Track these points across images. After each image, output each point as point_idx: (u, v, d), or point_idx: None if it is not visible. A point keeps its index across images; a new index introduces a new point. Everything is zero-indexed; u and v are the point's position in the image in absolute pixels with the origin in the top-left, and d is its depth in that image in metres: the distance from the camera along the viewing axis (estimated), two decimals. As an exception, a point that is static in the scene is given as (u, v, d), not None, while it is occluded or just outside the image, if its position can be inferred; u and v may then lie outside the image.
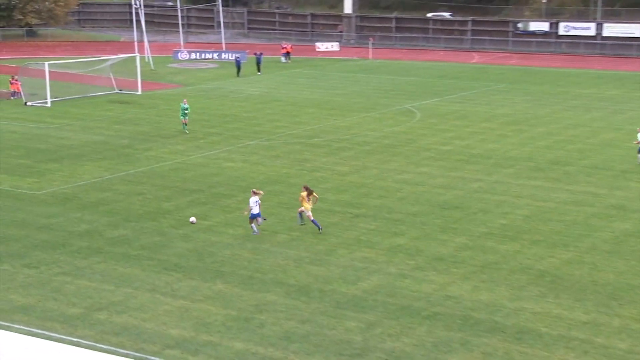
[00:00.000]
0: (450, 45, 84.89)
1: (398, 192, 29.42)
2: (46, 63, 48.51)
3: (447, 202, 28.09)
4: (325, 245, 23.61)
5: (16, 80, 50.73)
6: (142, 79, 54.18)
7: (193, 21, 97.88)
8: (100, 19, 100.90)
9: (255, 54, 65.31)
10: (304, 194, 24.24)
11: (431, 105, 49.54)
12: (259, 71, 63.69)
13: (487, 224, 25.52)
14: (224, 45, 77.70)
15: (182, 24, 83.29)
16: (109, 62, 54.67)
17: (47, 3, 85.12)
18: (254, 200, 23.99)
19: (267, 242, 23.82)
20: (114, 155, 34.92)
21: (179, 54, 73.49)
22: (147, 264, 21.86)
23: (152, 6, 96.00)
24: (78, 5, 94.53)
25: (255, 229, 24.21)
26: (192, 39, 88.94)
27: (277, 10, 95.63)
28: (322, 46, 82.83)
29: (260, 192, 24.38)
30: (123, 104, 48.52)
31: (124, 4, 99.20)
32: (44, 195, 28.42)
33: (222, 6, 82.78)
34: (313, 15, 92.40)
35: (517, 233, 24.63)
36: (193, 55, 73.53)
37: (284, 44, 73.83)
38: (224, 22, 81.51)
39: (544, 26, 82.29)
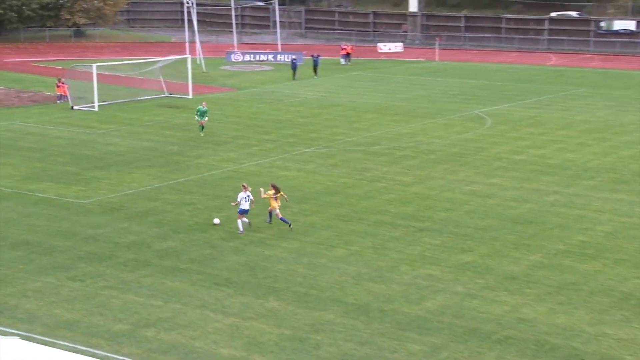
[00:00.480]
0: (524, 45, 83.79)
1: (466, 204, 29.12)
2: (94, 65, 49.40)
3: (520, 217, 27.65)
4: (386, 261, 23.51)
5: (63, 83, 51.82)
6: (193, 82, 55.02)
7: (247, 21, 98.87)
8: (151, 19, 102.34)
9: (312, 55, 65.65)
10: (271, 192, 25.43)
11: (503, 110, 48.95)
12: (315, 74, 63.99)
13: (565, 241, 25.03)
14: (279, 46, 78.32)
15: (236, 24, 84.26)
16: (159, 64, 55.60)
17: (95, 2, 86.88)
18: (242, 195, 24.94)
19: (324, 256, 23.85)
20: (162, 162, 35.50)
21: (232, 55, 74.38)
22: (196, 278, 22.12)
23: (205, 5, 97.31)
24: (127, 4, 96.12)
25: (240, 227, 25.03)
26: (246, 39, 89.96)
27: (336, 9, 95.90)
28: (384, 47, 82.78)
29: (250, 188, 25.19)
30: (173, 109, 49.33)
31: (176, 3, 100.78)
32: (90, 204, 29.07)
33: (279, 4, 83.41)
34: (375, 14, 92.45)
35: (598, 251, 24.08)
36: (247, 57, 74.34)
37: (344, 44, 74.04)
38: (280, 21, 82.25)
39: (630, 25, 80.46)
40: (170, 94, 54.13)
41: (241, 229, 25.39)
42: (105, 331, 18.77)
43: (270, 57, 74.31)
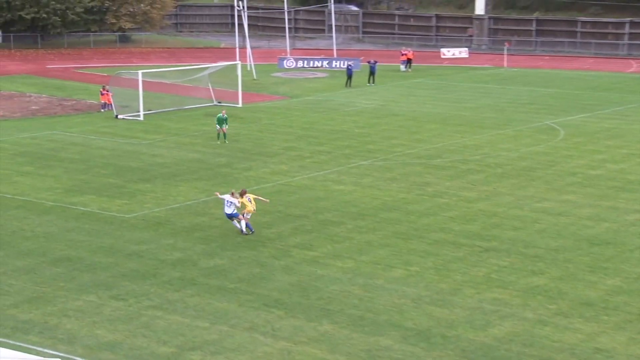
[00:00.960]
0: (602, 51, 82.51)
1: (536, 223, 28.76)
2: (140, 72, 49.94)
3: (597, 237, 27.17)
4: (448, 283, 23.34)
5: (107, 91, 52.62)
6: (243, 90, 55.55)
7: (301, 25, 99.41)
8: (199, 23, 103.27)
9: (369, 62, 65.61)
10: (244, 199, 27.47)
11: (577, 121, 48.25)
12: (372, 82, 63.92)
13: (647, 264, 24.49)
14: (335, 52, 78.66)
15: (289, 28, 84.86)
16: (208, 71, 56.21)
17: (142, 5, 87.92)
18: (227, 198, 27.02)
19: (381, 277, 23.79)
20: (210, 175, 35.90)
21: (285, 61, 74.95)
22: (245, 298, 22.27)
23: (256, 8, 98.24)
24: (175, 7, 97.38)
25: (241, 227, 27.10)
26: (299, 44, 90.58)
27: (397, 12, 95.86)
28: (448, 52, 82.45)
29: (238, 198, 26.84)
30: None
31: (226, 6, 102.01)
32: (134, 218, 29.53)
33: (335, 7, 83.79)
34: (438, 17, 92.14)
35: (684, 276, 23.50)
36: (300, 63, 74.80)
37: (404, 50, 73.87)
38: (335, 25, 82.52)
39: None
40: (219, 103, 54.66)
41: (239, 227, 27.26)
42: (148, 354, 18.99)
43: (325, 63, 74.64)
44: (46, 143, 42.34)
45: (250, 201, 27.78)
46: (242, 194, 27.90)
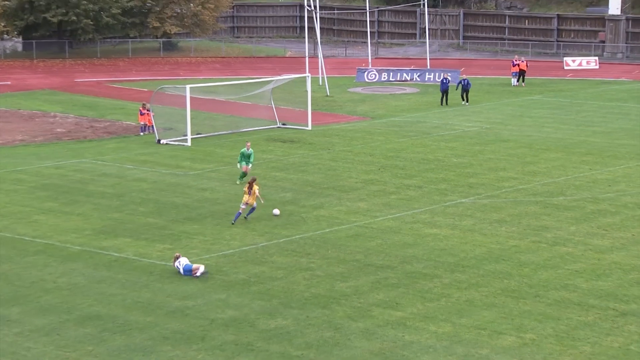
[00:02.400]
0: None
1: (687, 280, 28.11)
2: (187, 86, 50.46)
3: None
4: (574, 355, 22.91)
5: (147, 110, 52.99)
6: (313, 109, 55.93)
7: (386, 28, 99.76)
8: (260, 27, 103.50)
9: (462, 82, 64.25)
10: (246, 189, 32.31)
11: None
12: (464, 100, 62.96)
13: None
14: (428, 62, 78.74)
15: (371, 33, 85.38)
16: (270, 86, 56.60)
17: (192, 5, 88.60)
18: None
19: (487, 346, 23.47)
20: (272, 214, 36.11)
21: (366, 73, 75.29)
22: (313, 369, 22.24)
23: (332, 8, 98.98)
24: (231, 8, 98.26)
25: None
26: (383, 52, 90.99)
27: (507, 12, 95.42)
28: (573, 62, 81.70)
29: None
30: (287, 143, 50.24)
31: (293, 5, 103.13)
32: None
33: (429, 6, 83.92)
34: (560, 18, 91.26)
35: None
36: (384, 76, 75.02)
37: (516, 59, 73.41)
38: (430, 29, 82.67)
39: None
40: (284, 125, 55.07)
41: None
42: None
43: (416, 75, 74.72)
44: (73, 174, 43.22)
45: (251, 193, 33.37)
46: (251, 182, 33.64)
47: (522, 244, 31.96)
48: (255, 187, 34.17)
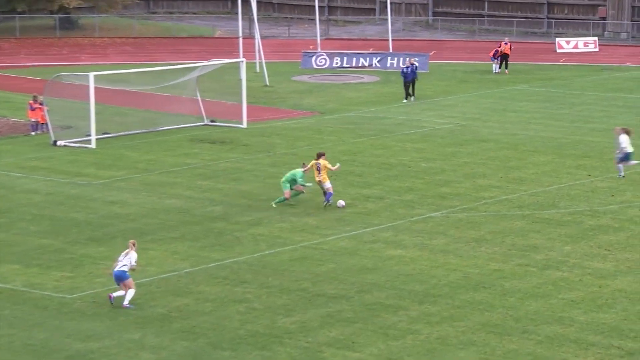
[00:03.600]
0: None
1: None
2: (91, 74, 50.11)
3: None
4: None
5: (40, 104, 52.48)
6: (249, 102, 55.80)
7: (339, 2, 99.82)
8: (182, 0, 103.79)
9: (403, 70, 63.07)
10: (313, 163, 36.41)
11: None
12: (409, 96, 61.78)
13: None
14: (390, 44, 78.88)
15: (320, 8, 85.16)
16: (195, 74, 56.44)
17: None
18: (122, 257, 28.93)
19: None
20: (198, 232, 35.96)
21: (314, 58, 75.29)
22: None
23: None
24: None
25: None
26: (335, 32, 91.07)
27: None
28: (567, 44, 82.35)
29: (134, 247, 29.00)
30: (216, 145, 50.10)
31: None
32: (80, 300, 29.48)
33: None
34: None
35: None
36: (336, 61, 75.07)
37: (505, 42, 73.14)
38: (392, 2, 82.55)
39: None
40: (212, 121, 54.90)
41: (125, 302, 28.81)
42: None
43: (376, 61, 74.84)
44: (-53, 183, 42.69)
45: (320, 169, 38.08)
46: (318, 157, 38.40)
47: (506, 268, 32.06)
48: (324, 162, 38.46)
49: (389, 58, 74.79)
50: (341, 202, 38.21)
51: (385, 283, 30.73)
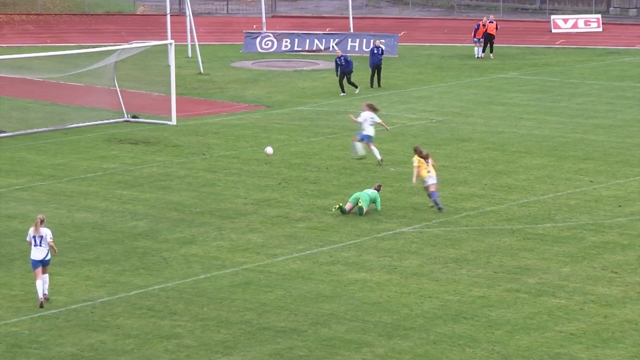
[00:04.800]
0: None
1: None
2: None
3: None
4: None
5: None
6: (179, 94, 55.68)
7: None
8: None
9: (339, 58, 62.72)
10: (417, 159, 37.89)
11: None
12: (344, 91, 61.77)
13: None
14: (351, 22, 78.92)
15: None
16: (113, 59, 56.22)
17: None
18: (31, 234, 30.77)
19: None
20: (117, 253, 35.85)
21: (258, 40, 75.25)
22: None
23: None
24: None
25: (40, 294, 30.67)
26: (284, 8, 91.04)
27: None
28: (564, 23, 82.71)
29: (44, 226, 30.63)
30: (139, 146, 50.02)
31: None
32: (-28, 335, 29.32)
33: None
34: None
35: None
36: (286, 44, 75.09)
37: (486, 20, 73.44)
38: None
39: None
40: (134, 117, 54.73)
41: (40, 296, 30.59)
42: None
43: (334, 43, 74.80)
44: None
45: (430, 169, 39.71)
46: (424, 157, 39.85)
47: (492, 294, 32.14)
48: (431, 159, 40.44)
49: (350, 40, 74.96)
50: (269, 149, 38.41)
51: (345, 313, 30.73)
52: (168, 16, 69.48)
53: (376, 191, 39.77)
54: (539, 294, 32.16)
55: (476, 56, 72.17)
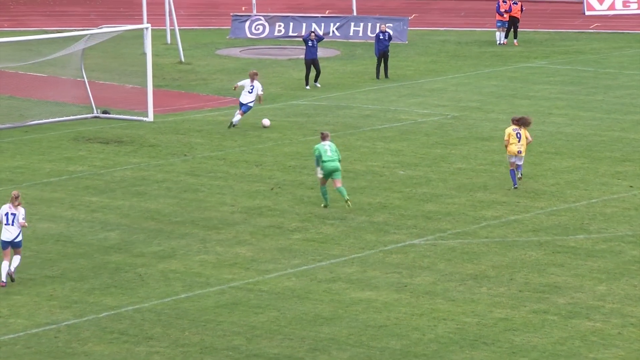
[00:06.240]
0: None
1: None
2: None
3: None
4: None
5: None
6: (157, 86, 55.66)
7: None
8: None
9: (307, 37, 62.95)
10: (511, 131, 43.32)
11: None
12: (308, 83, 61.86)
13: None
14: (354, 4, 78.91)
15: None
16: (80, 46, 56.21)
17: None
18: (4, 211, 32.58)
19: None
20: (85, 269, 35.83)
21: (247, 24, 75.23)
22: None
23: None
24: None
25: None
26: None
27: None
28: (599, 4, 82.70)
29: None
30: (111, 145, 50.05)
31: None
32: None
33: None
34: None
35: None
36: (279, 28, 75.13)
37: (509, 0, 73.44)
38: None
39: None
40: (106, 113, 54.71)
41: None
42: None
43: (334, 28, 74.81)
44: None
45: (520, 138, 43.32)
46: (524, 123, 43.88)
47: (516, 316, 32.13)
48: (525, 131, 43.94)
49: (353, 24, 75.04)
50: (266, 121, 38.69)
51: (348, 338, 30.76)
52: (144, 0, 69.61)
53: (328, 140, 41.13)
54: (570, 316, 32.13)
55: (498, 42, 72.28)
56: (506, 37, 72.25)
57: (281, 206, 41.34)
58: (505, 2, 72.39)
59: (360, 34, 73.26)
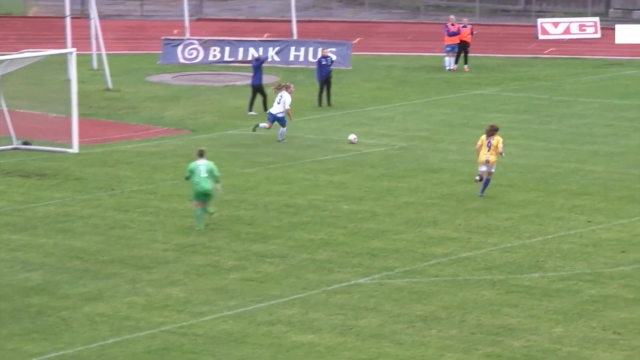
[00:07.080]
0: None
1: None
2: None
3: None
4: None
5: None
6: (83, 115, 55.48)
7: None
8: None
9: (254, 60, 63.84)
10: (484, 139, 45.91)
11: None
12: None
13: None
14: (294, 27, 79.06)
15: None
16: (0, 70, 56.02)
17: None
18: None
19: None
20: (5, 312, 35.65)
21: (180, 49, 75.24)
22: None
23: None
24: None
25: None
26: (211, 10, 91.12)
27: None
28: (554, 28, 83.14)
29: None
30: (32, 179, 49.89)
31: None
32: None
33: None
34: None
35: None
36: (214, 53, 75.19)
37: (452, 21, 74.05)
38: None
39: None
40: (25, 144, 54.51)
41: None
42: None
43: (273, 52, 74.92)
44: None
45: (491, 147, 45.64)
46: (492, 130, 46.15)
47: (469, 361, 32.22)
48: (498, 139, 46.25)
49: (293, 48, 75.19)
50: (352, 137, 40.54)
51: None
52: (68, 19, 69.43)
53: (204, 159, 42.10)
54: (525, 360, 32.25)
55: (447, 68, 72.53)
56: (456, 62, 72.58)
57: (217, 243, 41.28)
58: (454, 24, 72.78)
59: (301, 59, 73.43)
